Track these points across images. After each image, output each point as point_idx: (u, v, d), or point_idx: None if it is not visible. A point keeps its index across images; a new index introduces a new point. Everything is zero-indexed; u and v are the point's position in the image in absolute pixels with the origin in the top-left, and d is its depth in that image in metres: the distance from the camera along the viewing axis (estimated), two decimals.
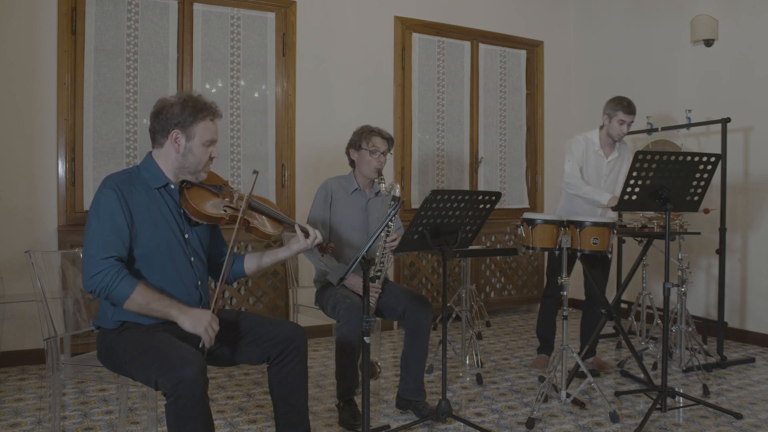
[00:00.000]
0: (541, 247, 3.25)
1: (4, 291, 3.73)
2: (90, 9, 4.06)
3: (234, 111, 4.53)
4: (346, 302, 2.92)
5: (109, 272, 1.98)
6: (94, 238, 2.02)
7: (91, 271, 1.99)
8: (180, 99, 2.16)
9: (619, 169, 3.84)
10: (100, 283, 1.98)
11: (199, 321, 2.05)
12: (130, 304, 2.01)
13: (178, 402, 1.85)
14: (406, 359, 3.04)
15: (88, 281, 1.99)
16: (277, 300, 4.54)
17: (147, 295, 2.03)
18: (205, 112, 2.16)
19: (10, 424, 2.90)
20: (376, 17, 5.02)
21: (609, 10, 5.69)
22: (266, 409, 3.11)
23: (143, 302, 2.02)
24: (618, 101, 3.70)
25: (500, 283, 5.56)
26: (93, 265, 1.99)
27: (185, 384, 1.84)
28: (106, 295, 2.00)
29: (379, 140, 3.16)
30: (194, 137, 2.15)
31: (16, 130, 3.90)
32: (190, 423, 1.87)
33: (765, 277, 4.48)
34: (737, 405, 3.23)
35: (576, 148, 3.81)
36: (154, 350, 1.97)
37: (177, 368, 1.86)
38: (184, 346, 1.97)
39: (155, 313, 2.05)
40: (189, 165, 2.17)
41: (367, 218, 3.24)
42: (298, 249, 2.35)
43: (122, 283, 1.99)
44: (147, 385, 2.04)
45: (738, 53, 4.63)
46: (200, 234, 2.27)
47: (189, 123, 2.13)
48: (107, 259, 1.99)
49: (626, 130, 3.72)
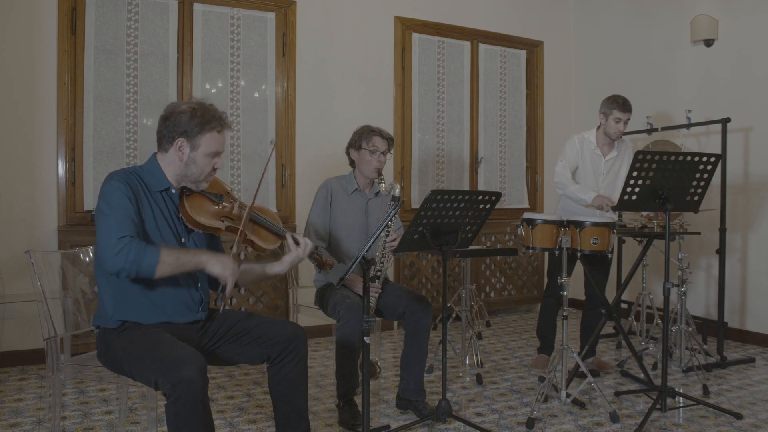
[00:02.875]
0: (541, 247, 3.25)
1: (4, 291, 3.73)
2: (90, 9, 4.06)
3: (234, 111, 4.53)
4: (346, 302, 2.92)
5: (130, 247, 1.95)
6: (108, 222, 2.00)
7: (111, 252, 1.94)
8: (190, 107, 2.14)
9: (618, 168, 3.83)
10: (125, 259, 1.94)
11: (227, 265, 2.06)
12: (162, 267, 1.98)
13: (177, 402, 1.85)
14: (406, 359, 3.04)
15: (112, 261, 1.94)
16: (277, 300, 4.54)
17: (173, 252, 2.02)
18: (213, 123, 2.14)
19: (10, 424, 2.90)
20: (376, 17, 5.02)
21: (609, 10, 5.69)
22: (266, 409, 3.11)
23: (173, 260, 2.00)
24: (613, 99, 3.71)
25: (500, 283, 5.56)
26: (112, 246, 1.95)
27: (185, 384, 1.83)
28: (136, 269, 1.96)
29: (379, 140, 3.16)
30: (199, 148, 2.13)
31: (16, 130, 3.90)
32: (190, 423, 1.87)
33: (765, 277, 4.48)
34: (737, 405, 3.23)
35: (569, 149, 3.83)
36: (153, 350, 1.96)
37: (176, 368, 1.85)
38: (184, 346, 1.96)
39: (187, 265, 2.04)
40: (191, 174, 2.17)
41: (367, 219, 3.24)
42: (291, 261, 2.30)
43: (147, 251, 1.97)
44: (147, 385, 2.04)
45: (738, 53, 4.63)
46: (197, 240, 2.26)
47: (195, 133, 2.12)
48: (123, 237, 1.96)
49: (623, 129, 3.72)
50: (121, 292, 2.11)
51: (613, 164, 3.83)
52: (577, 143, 3.83)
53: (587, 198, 3.64)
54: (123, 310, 2.10)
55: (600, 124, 3.79)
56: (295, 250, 2.28)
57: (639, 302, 4.44)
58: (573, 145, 3.83)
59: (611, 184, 3.84)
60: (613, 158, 3.83)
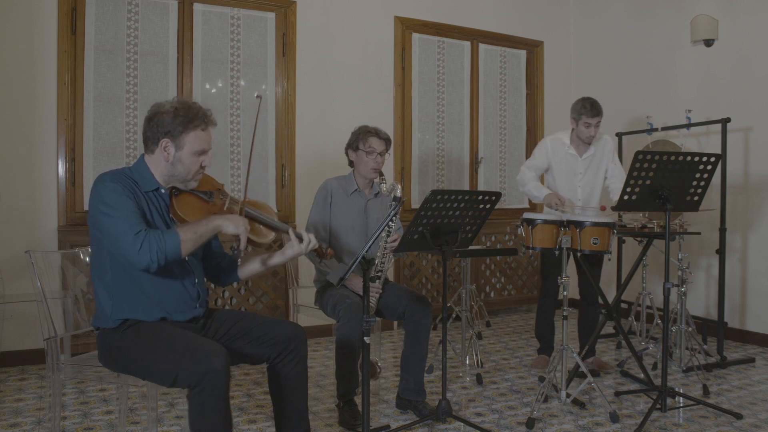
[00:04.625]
0: (541, 247, 3.25)
1: (4, 291, 3.73)
2: (90, 9, 4.06)
3: (234, 111, 4.53)
4: (346, 302, 2.92)
5: (149, 238, 1.96)
6: (117, 223, 1.99)
7: (133, 250, 1.95)
8: (173, 107, 2.13)
9: (597, 165, 3.88)
10: (150, 252, 1.95)
11: (240, 221, 2.09)
12: (185, 245, 2.01)
13: (203, 393, 1.87)
14: (407, 359, 3.04)
15: (138, 258, 1.95)
16: (277, 300, 4.54)
17: (189, 228, 2.04)
18: (197, 121, 2.13)
19: (10, 424, 2.90)
20: (376, 17, 5.02)
21: (609, 10, 5.69)
22: (266, 409, 3.11)
23: (192, 234, 2.03)
24: (582, 104, 3.73)
25: (500, 283, 5.56)
26: (131, 244, 1.95)
27: (213, 374, 1.86)
28: (164, 256, 1.97)
29: (376, 141, 3.15)
30: (184, 147, 2.12)
31: (16, 131, 3.89)
32: (215, 414, 1.89)
33: (765, 277, 4.48)
34: (737, 405, 3.23)
35: (538, 151, 3.94)
36: (172, 344, 1.98)
37: (205, 359, 1.88)
38: (206, 340, 2.00)
39: (206, 234, 2.06)
40: (178, 174, 2.16)
41: (366, 219, 3.23)
42: (292, 254, 2.31)
43: (166, 237, 1.98)
44: (157, 382, 2.04)
45: (738, 53, 4.63)
46: None
47: (179, 132, 2.11)
48: (139, 233, 1.97)
49: (594, 133, 3.75)
50: (118, 292, 2.11)
51: (591, 162, 3.86)
52: (548, 145, 3.91)
53: (540, 195, 3.78)
54: (122, 308, 2.11)
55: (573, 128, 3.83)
56: (297, 246, 2.29)
57: (639, 302, 4.44)
58: (542, 147, 3.93)
59: (591, 182, 3.87)
60: (591, 156, 3.85)
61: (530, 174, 3.89)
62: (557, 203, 3.64)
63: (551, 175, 3.94)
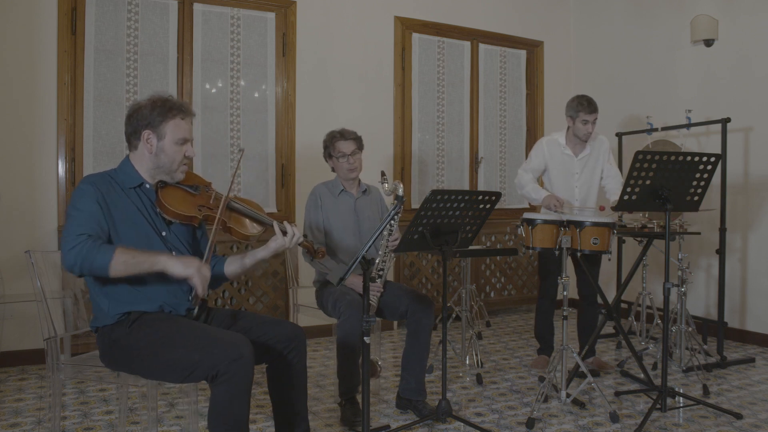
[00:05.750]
0: (541, 247, 3.25)
1: (4, 291, 3.73)
2: (90, 9, 4.06)
3: (234, 111, 4.53)
4: (347, 299, 2.93)
5: (84, 243, 1.95)
6: (72, 222, 2.03)
7: (66, 248, 1.96)
8: (150, 100, 2.19)
9: (594, 164, 3.88)
10: (77, 255, 1.94)
11: (189, 263, 2.02)
12: (116, 265, 1.95)
13: (231, 381, 1.88)
14: (407, 359, 3.05)
15: (66, 255, 1.96)
16: (277, 300, 4.54)
17: (130, 252, 1.99)
18: (174, 110, 2.18)
19: (10, 424, 2.90)
20: (376, 17, 5.02)
21: (609, 10, 5.69)
22: (266, 409, 3.11)
23: (128, 258, 1.97)
24: (578, 101, 3.75)
25: (500, 283, 5.56)
26: (68, 242, 1.97)
27: (242, 362, 1.88)
28: (89, 265, 1.95)
29: (343, 144, 3.20)
30: (165, 136, 2.16)
31: (16, 130, 3.90)
32: (241, 402, 1.90)
33: (765, 277, 4.48)
34: (737, 405, 3.23)
35: (534, 153, 3.94)
36: (193, 333, 1.99)
37: (234, 347, 1.90)
38: (224, 330, 2.01)
39: (143, 264, 1.99)
40: (163, 165, 2.19)
41: (358, 218, 3.27)
42: (276, 247, 2.27)
43: (101, 249, 1.96)
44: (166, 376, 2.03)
45: (738, 53, 4.63)
46: (178, 232, 2.26)
47: (158, 122, 2.16)
48: (81, 235, 1.98)
49: (591, 129, 3.76)
50: (113, 290, 2.11)
51: (587, 162, 3.86)
52: (544, 146, 3.90)
53: (538, 197, 3.77)
54: (119, 303, 2.11)
55: (569, 127, 3.83)
56: (281, 239, 2.26)
57: (639, 302, 4.44)
58: (538, 148, 3.92)
59: (587, 182, 3.87)
60: (587, 156, 3.85)
61: (528, 176, 3.89)
62: (555, 205, 3.64)
63: (548, 176, 3.95)
